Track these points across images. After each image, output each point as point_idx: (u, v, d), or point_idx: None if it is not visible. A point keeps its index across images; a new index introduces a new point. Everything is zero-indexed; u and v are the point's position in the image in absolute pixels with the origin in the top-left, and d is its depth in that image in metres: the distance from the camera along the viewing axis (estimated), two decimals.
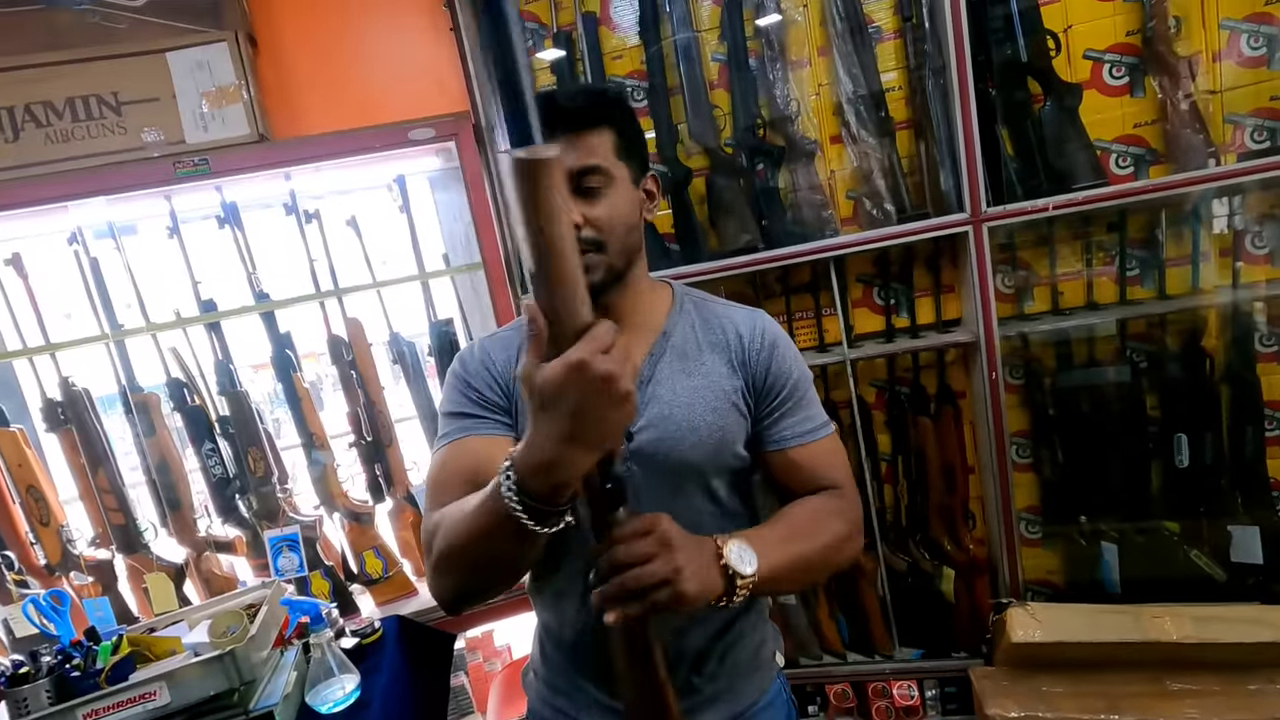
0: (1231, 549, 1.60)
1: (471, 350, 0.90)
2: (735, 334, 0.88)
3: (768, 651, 0.95)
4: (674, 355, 0.87)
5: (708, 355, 0.87)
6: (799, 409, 0.88)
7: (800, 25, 1.67)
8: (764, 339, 0.88)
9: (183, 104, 1.49)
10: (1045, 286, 1.71)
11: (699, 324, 0.90)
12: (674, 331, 0.88)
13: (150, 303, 1.68)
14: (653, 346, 0.87)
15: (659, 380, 0.85)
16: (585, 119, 0.79)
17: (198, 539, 1.70)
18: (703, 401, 0.84)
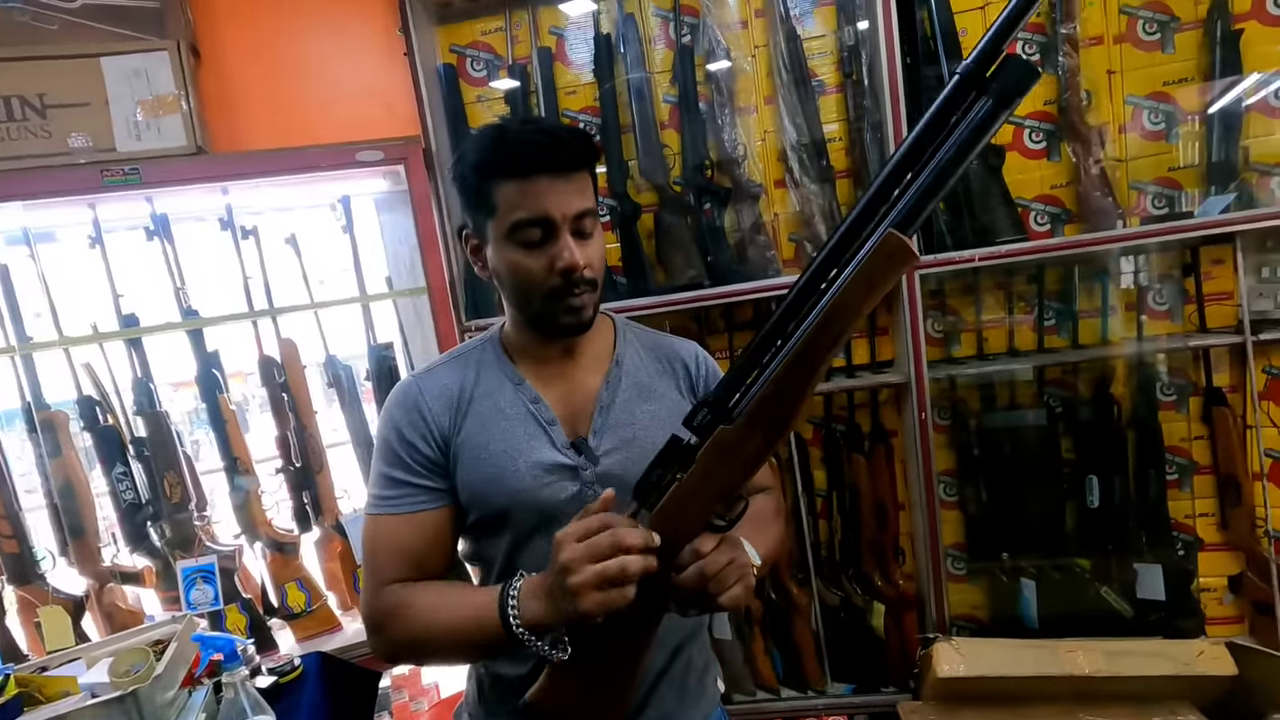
0: (1137, 586, 1.70)
1: (406, 393, 0.88)
2: (680, 362, 0.95)
3: (711, 677, 0.97)
4: (629, 382, 0.90)
5: (659, 381, 0.92)
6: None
7: (748, 74, 1.74)
8: (706, 366, 0.96)
9: (115, 111, 1.43)
10: (971, 332, 1.80)
11: (644, 353, 0.94)
12: (624, 359, 0.91)
13: (64, 315, 1.58)
14: (608, 374, 0.89)
15: (618, 406, 0.88)
16: (577, 161, 0.80)
17: (101, 569, 1.58)
18: (660, 425, 0.87)
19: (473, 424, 0.85)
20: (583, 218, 0.80)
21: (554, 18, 1.78)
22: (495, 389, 0.87)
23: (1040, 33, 1.65)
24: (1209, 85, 1.61)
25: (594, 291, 0.84)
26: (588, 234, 0.82)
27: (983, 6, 1.67)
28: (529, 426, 0.85)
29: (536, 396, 0.87)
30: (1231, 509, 1.69)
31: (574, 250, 0.79)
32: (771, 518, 0.93)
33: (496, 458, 0.84)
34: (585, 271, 0.81)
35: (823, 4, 1.71)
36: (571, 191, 0.79)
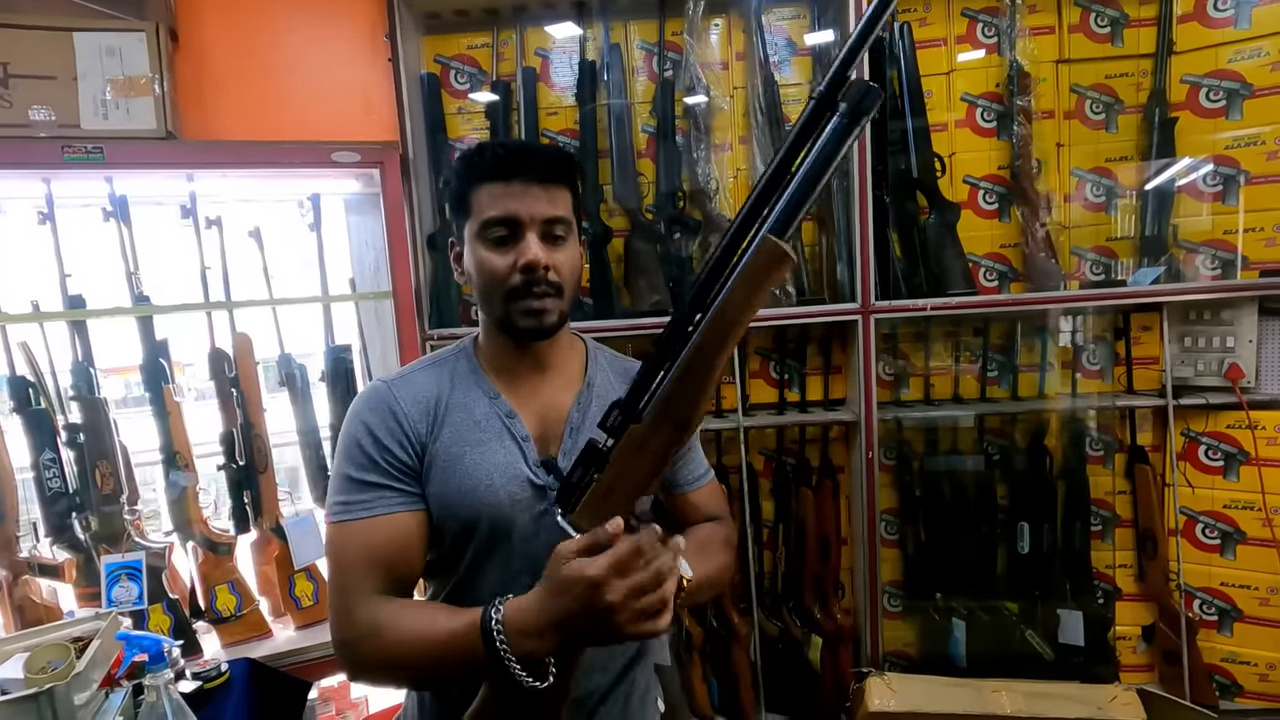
0: (1059, 630, 1.78)
1: (379, 396, 0.85)
2: None
3: (652, 698, 0.97)
4: (599, 403, 0.90)
5: None
6: (693, 455, 0.99)
7: (726, 113, 1.80)
8: None
9: (84, 87, 1.39)
10: (919, 377, 1.88)
11: (613, 376, 0.95)
12: (595, 380, 0.92)
13: (4, 290, 1.51)
14: (579, 395, 0.90)
15: (587, 428, 0.87)
16: (556, 174, 0.84)
17: (17, 560, 1.50)
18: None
19: (449, 434, 0.84)
20: (553, 224, 0.83)
21: (541, 39, 1.81)
22: (471, 401, 0.87)
23: (998, 102, 1.76)
24: (1146, 165, 1.74)
25: (557, 297, 0.84)
26: (558, 239, 0.84)
27: (948, 73, 1.77)
28: (504, 441, 0.85)
29: (512, 411, 0.87)
30: (1148, 562, 1.79)
31: (536, 248, 0.81)
32: (718, 546, 0.94)
33: (471, 470, 0.83)
34: (549, 274, 0.82)
35: (800, 54, 1.79)
36: (544, 198, 0.82)
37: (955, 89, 1.78)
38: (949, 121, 1.78)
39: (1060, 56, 1.76)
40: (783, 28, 1.79)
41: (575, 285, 0.88)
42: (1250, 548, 1.70)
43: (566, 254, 0.84)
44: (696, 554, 0.83)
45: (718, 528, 0.98)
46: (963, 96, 1.78)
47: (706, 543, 0.92)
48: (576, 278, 0.88)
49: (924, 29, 1.76)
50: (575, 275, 0.87)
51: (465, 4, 1.75)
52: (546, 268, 0.81)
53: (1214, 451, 1.73)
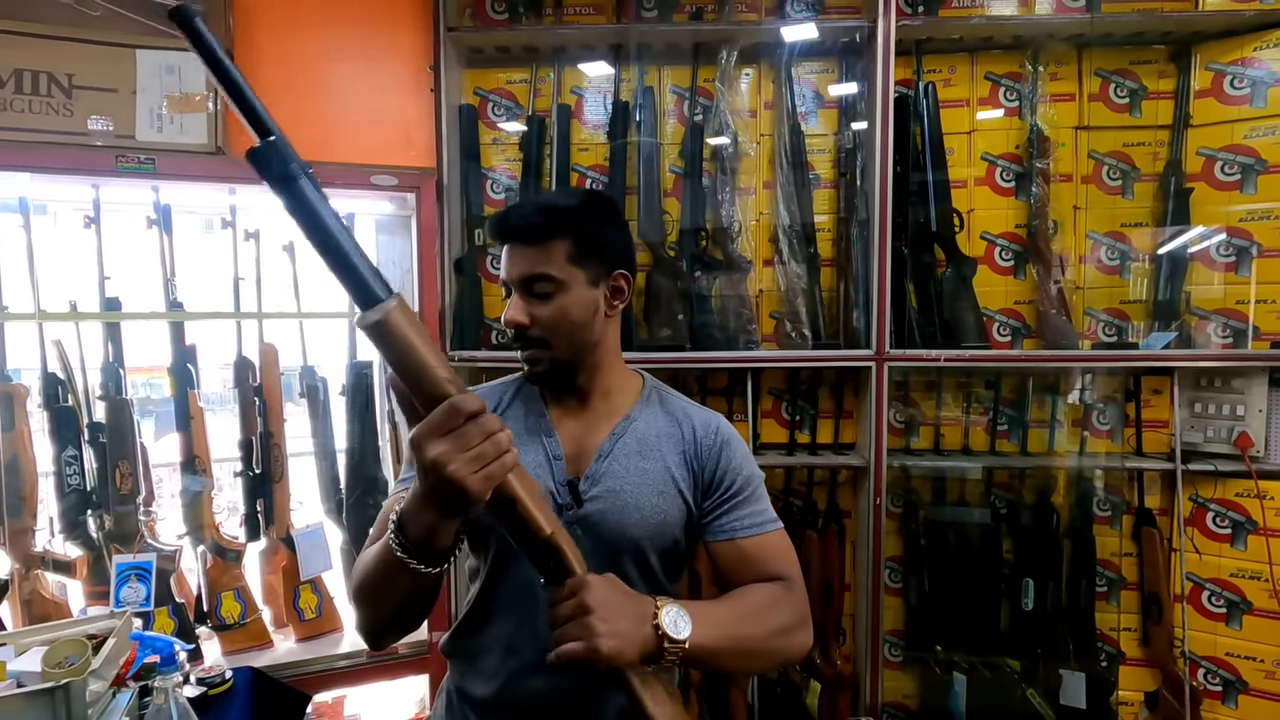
0: (1061, 691, 1.76)
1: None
2: (691, 429, 0.95)
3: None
4: (633, 438, 0.93)
5: (664, 444, 0.94)
6: (749, 503, 0.93)
7: (752, 158, 1.86)
8: (716, 436, 0.95)
9: (141, 101, 1.46)
10: (930, 426, 1.89)
11: (661, 415, 0.97)
12: (638, 418, 0.95)
13: (43, 289, 1.56)
14: (616, 426, 0.94)
15: (615, 457, 0.92)
16: (538, 233, 0.88)
17: (31, 554, 1.52)
18: (650, 484, 0.91)
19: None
20: (532, 281, 0.88)
21: (576, 78, 1.88)
22: (521, 414, 0.97)
23: (1017, 163, 1.81)
24: (1160, 231, 1.78)
25: (542, 349, 0.90)
26: (540, 296, 0.88)
27: (970, 132, 1.82)
28: (536, 455, 0.92)
29: (551, 430, 0.94)
30: (1153, 626, 1.78)
31: (514, 309, 0.88)
32: (761, 605, 0.87)
33: None
34: (532, 329, 0.88)
35: (826, 106, 1.85)
36: (526, 258, 0.88)
37: (976, 148, 1.83)
38: (969, 178, 1.83)
39: (1080, 123, 1.81)
40: (810, 80, 1.86)
41: (569, 333, 0.89)
42: (1257, 618, 1.69)
43: (551, 307, 0.88)
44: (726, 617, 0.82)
45: (775, 588, 0.89)
46: (983, 155, 1.83)
47: (745, 599, 0.87)
48: (569, 326, 0.89)
49: (948, 89, 1.82)
50: (565, 324, 0.89)
51: (508, 41, 1.82)
52: (526, 325, 0.88)
53: (1222, 519, 1.73)
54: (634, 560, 0.91)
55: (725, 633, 0.81)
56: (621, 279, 0.93)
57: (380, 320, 0.61)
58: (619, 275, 0.93)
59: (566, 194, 0.95)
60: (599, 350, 0.94)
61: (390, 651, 1.66)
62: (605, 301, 0.92)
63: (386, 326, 0.61)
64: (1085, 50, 1.80)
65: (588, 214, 0.92)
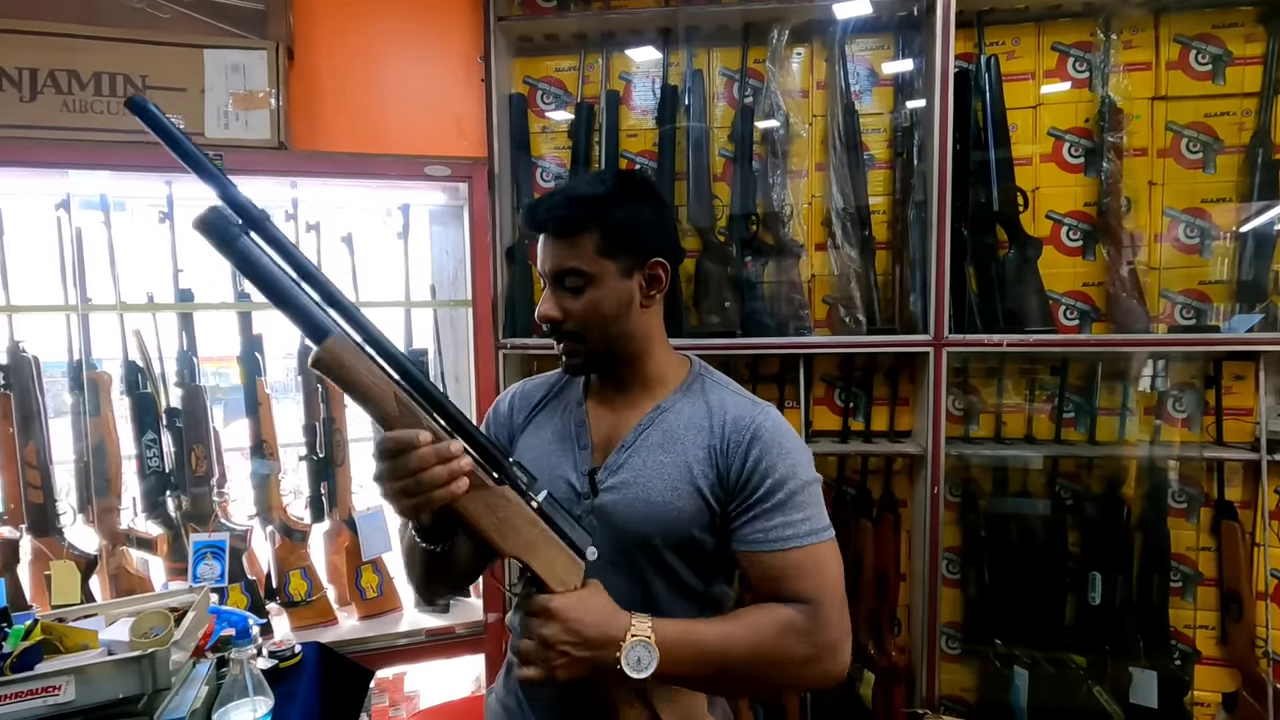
0: (1130, 690, 1.69)
1: (514, 388, 1.07)
2: (722, 423, 0.88)
3: None
4: (659, 429, 0.91)
5: (693, 436, 0.89)
6: (779, 512, 0.84)
7: (804, 140, 1.82)
8: (747, 432, 0.86)
9: (209, 99, 1.51)
10: (990, 414, 1.83)
11: (698, 406, 0.92)
12: (670, 408, 0.92)
13: (124, 282, 1.65)
14: (644, 417, 0.92)
15: (636, 449, 0.90)
16: (565, 225, 0.87)
17: (117, 531, 1.62)
18: (665, 479, 0.87)
19: (533, 426, 1.00)
20: (563, 275, 0.87)
21: (625, 64, 1.87)
22: (562, 403, 0.99)
23: (1087, 137, 1.72)
24: (1245, 207, 1.67)
25: (575, 343, 0.90)
26: (571, 290, 0.87)
27: (1035, 106, 1.74)
28: (566, 444, 0.94)
29: (584, 420, 0.95)
30: (1232, 624, 1.69)
31: (545, 301, 0.89)
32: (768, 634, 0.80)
33: (536, 457, 0.95)
34: (564, 324, 0.88)
35: (882, 84, 1.80)
36: (559, 251, 0.87)
37: (1042, 123, 1.75)
38: (1034, 155, 1.75)
39: (1156, 93, 1.71)
40: (865, 58, 1.80)
41: (601, 326, 0.88)
42: None
43: (583, 301, 0.87)
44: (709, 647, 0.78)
45: (793, 615, 0.80)
46: (1049, 131, 1.74)
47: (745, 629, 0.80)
48: (600, 320, 0.88)
49: (1011, 62, 1.74)
50: (597, 318, 0.88)
51: (556, 29, 1.82)
52: (559, 319, 0.89)
53: None
54: (646, 555, 0.88)
55: (707, 663, 0.78)
56: (658, 267, 0.90)
57: (320, 357, 0.69)
58: (655, 264, 0.90)
59: (597, 180, 0.89)
60: (637, 340, 0.92)
61: (447, 630, 1.71)
62: (641, 292, 0.90)
63: (326, 361, 0.70)
64: (1163, 15, 1.69)
65: (618, 202, 0.88)
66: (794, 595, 0.82)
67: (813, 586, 0.82)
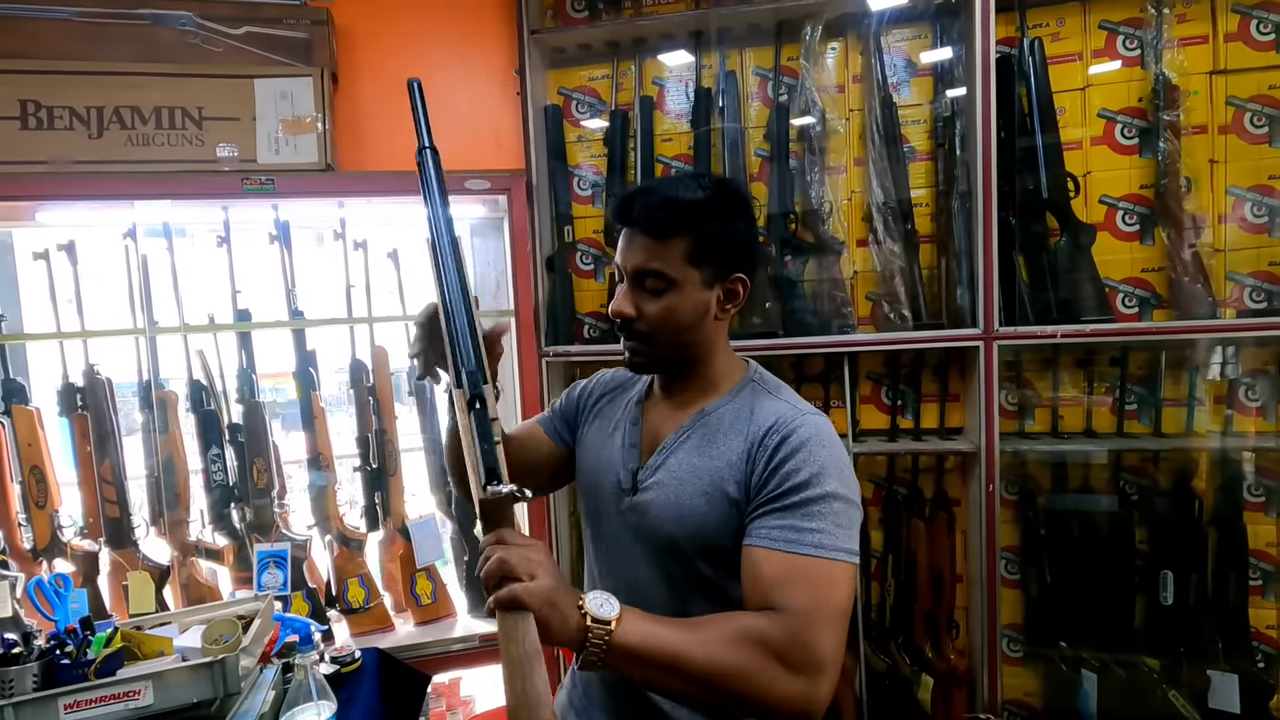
0: (1209, 694, 1.61)
1: (597, 375, 1.10)
2: (760, 426, 0.85)
3: None
4: (699, 433, 0.89)
5: (729, 441, 0.87)
6: (791, 514, 0.78)
7: (841, 135, 1.79)
8: (780, 434, 0.83)
9: (260, 127, 1.58)
10: (1046, 408, 1.77)
11: (743, 411, 0.89)
12: (713, 413, 0.90)
13: (186, 304, 1.73)
14: (688, 420, 0.91)
15: (674, 451, 0.90)
16: (659, 227, 0.84)
17: (187, 543, 1.69)
18: (696, 484, 0.86)
19: (601, 418, 1.02)
20: (643, 276, 0.86)
21: (657, 69, 1.88)
22: (625, 398, 1.01)
23: (1141, 117, 1.65)
24: None
25: (643, 344, 0.89)
26: (651, 292, 0.86)
27: (1083, 88, 1.68)
28: (620, 440, 0.96)
29: (637, 419, 0.97)
30: None
31: (620, 297, 0.88)
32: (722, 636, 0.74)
33: (592, 453, 1.00)
34: (637, 324, 0.87)
35: (920, 74, 1.76)
36: (643, 250, 0.85)
37: (1091, 105, 1.68)
38: (1084, 139, 1.69)
39: (1215, 67, 1.63)
40: (901, 48, 1.77)
41: (674, 333, 0.87)
42: None
43: (661, 305, 0.85)
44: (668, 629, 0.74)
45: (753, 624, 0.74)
46: (1100, 112, 1.68)
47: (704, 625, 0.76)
48: (674, 327, 0.86)
49: (1056, 44, 1.68)
50: (671, 325, 0.86)
51: (588, 38, 1.84)
52: (632, 319, 0.87)
53: None
54: (675, 559, 0.87)
55: (657, 644, 0.72)
56: (739, 283, 0.88)
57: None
58: (737, 279, 0.88)
59: (697, 184, 0.86)
60: (702, 348, 0.90)
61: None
62: (718, 304, 0.88)
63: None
64: None
65: (716, 211, 0.86)
66: (781, 604, 0.74)
67: (803, 599, 0.74)
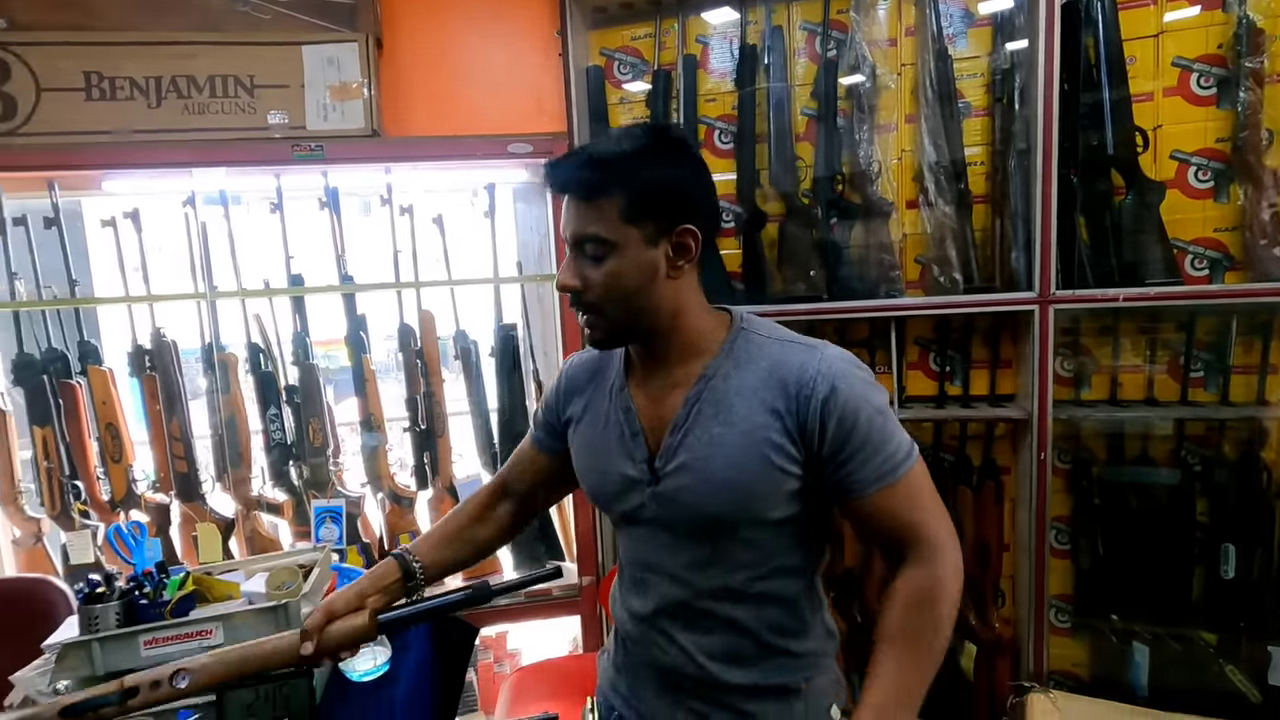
0: (1270, 670, 1.56)
1: (565, 366, 1.02)
2: (781, 381, 0.82)
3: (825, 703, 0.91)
4: (709, 402, 0.84)
5: (748, 401, 0.82)
6: (869, 452, 0.80)
7: (892, 91, 1.73)
8: (818, 383, 0.80)
9: (309, 93, 1.61)
10: (1104, 375, 1.71)
11: (746, 368, 0.84)
12: (715, 374, 0.85)
13: (243, 270, 1.79)
14: (690, 391, 0.85)
15: (690, 428, 0.84)
16: (586, 188, 0.79)
17: (250, 497, 1.78)
18: (724, 453, 0.82)
19: (585, 416, 0.94)
20: (583, 242, 0.80)
21: (701, 27, 1.83)
22: (606, 389, 0.93)
23: (1220, 65, 1.55)
24: None
25: (596, 315, 0.83)
26: (593, 258, 0.81)
27: (1156, 35, 1.58)
28: (617, 433, 0.89)
29: (629, 405, 0.89)
30: None
31: (565, 269, 0.83)
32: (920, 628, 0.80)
33: (588, 455, 0.93)
34: (585, 295, 0.81)
35: (978, 25, 1.68)
36: (580, 215, 0.80)
37: (1165, 53, 1.58)
38: (1155, 90, 1.59)
39: None
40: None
41: (622, 300, 0.81)
42: None
43: (602, 271, 0.80)
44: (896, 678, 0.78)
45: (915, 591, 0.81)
46: (1174, 61, 1.57)
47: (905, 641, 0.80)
48: (621, 293, 0.81)
49: None
50: (617, 291, 0.81)
51: None
52: (578, 290, 0.82)
53: None
54: (725, 534, 0.84)
55: (915, 697, 0.79)
56: (687, 235, 0.81)
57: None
58: (684, 231, 0.81)
59: (624, 136, 0.82)
60: (665, 314, 0.84)
61: (544, 593, 1.79)
62: (667, 261, 0.81)
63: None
64: None
65: (647, 161, 0.80)
66: (900, 533, 0.82)
67: (917, 518, 0.82)
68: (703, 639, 0.87)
